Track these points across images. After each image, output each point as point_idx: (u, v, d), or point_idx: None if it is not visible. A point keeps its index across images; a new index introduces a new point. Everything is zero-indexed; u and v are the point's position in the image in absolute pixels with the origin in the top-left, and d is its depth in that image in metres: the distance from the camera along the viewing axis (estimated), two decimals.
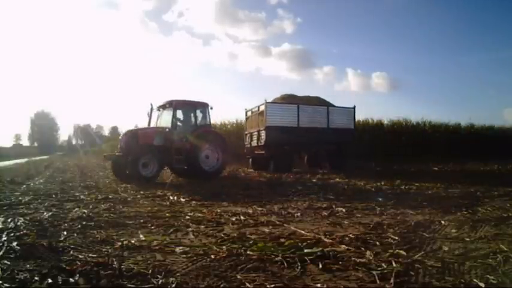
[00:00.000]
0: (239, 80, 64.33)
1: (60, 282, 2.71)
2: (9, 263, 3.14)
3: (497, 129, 29.22)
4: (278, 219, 5.00)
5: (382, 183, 9.76)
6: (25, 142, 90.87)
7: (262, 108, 14.62)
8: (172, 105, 11.78)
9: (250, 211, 5.69)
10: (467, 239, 3.91)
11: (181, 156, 11.43)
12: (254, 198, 7.22)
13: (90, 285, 2.69)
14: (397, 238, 3.94)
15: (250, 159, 16.20)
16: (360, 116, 26.22)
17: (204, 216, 5.29)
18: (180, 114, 12.23)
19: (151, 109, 12.58)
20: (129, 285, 2.67)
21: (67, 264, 3.07)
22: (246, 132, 16.89)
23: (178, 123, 12.00)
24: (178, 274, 2.89)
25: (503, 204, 6.20)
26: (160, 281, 2.75)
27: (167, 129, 11.65)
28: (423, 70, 57.69)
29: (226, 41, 64.10)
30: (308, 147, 15.44)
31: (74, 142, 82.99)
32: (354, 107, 15.93)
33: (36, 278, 2.76)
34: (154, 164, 11.04)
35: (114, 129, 77.37)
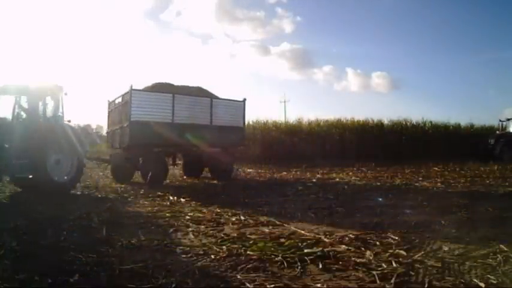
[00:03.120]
0: (238, 79, 64.57)
1: (60, 282, 2.71)
2: (9, 263, 3.14)
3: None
4: (278, 219, 5.00)
5: (382, 183, 9.76)
6: None
7: (127, 97, 10.78)
8: (11, 90, 8.50)
9: (250, 211, 5.68)
10: (467, 239, 3.91)
11: (25, 160, 7.70)
12: (254, 198, 7.22)
13: (90, 285, 2.69)
14: (397, 238, 3.94)
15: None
16: (360, 116, 26.36)
17: (204, 216, 5.29)
18: (24, 101, 8.71)
19: None
20: (129, 285, 2.67)
21: (67, 264, 3.07)
22: (108, 131, 12.80)
23: (22, 114, 8.70)
24: (178, 274, 2.89)
25: (503, 204, 6.20)
26: (160, 281, 2.75)
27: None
28: (423, 70, 57.74)
29: (225, 40, 63.92)
30: (185, 149, 11.77)
31: None
32: (244, 99, 12.43)
33: (36, 278, 2.76)
34: None
35: None
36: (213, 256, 3.33)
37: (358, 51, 60.53)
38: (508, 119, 20.69)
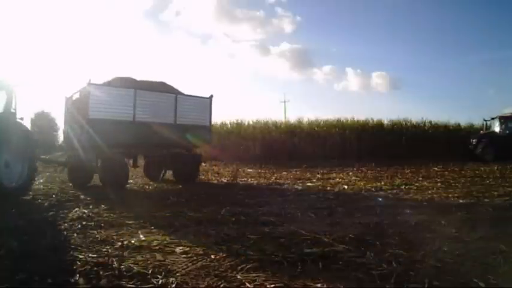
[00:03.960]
0: (238, 79, 64.62)
1: (60, 282, 2.72)
2: (9, 263, 3.14)
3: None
4: (278, 219, 5.00)
5: (382, 183, 9.76)
6: None
7: (84, 93, 9.75)
8: None
9: (250, 211, 5.68)
10: (467, 239, 3.91)
11: None
12: (254, 198, 7.22)
13: (90, 285, 2.69)
14: (397, 238, 3.94)
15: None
16: (360, 116, 26.37)
17: (204, 216, 5.29)
18: None
19: None
20: (129, 285, 2.67)
21: (67, 264, 3.07)
22: (64, 130, 11.59)
23: None
24: (178, 274, 2.89)
25: (503, 204, 6.20)
26: (160, 281, 2.75)
27: None
28: (423, 70, 57.74)
29: (225, 40, 63.74)
30: (147, 150, 10.74)
31: None
32: (211, 96, 11.38)
33: (36, 278, 2.76)
34: None
35: None
36: (213, 256, 3.33)
37: (358, 51, 60.47)
38: (493, 118, 20.41)
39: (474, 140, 20.12)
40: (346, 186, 9.35)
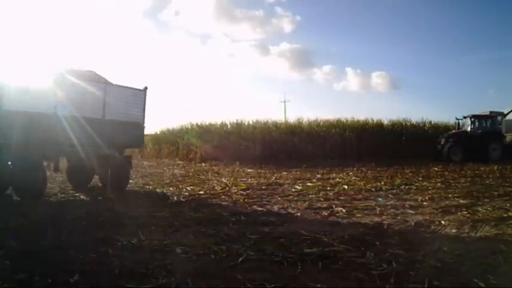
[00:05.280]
0: (238, 79, 64.55)
1: (60, 282, 2.72)
2: (9, 263, 3.14)
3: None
4: (278, 219, 5.00)
5: (382, 183, 9.76)
6: None
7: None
8: None
9: (250, 211, 5.68)
10: (467, 239, 3.91)
11: None
12: (254, 198, 7.22)
13: (90, 285, 2.69)
14: (397, 238, 3.94)
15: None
16: (359, 116, 26.39)
17: (204, 216, 5.29)
18: None
19: None
20: (129, 285, 2.67)
21: (67, 264, 3.07)
22: None
23: None
24: (178, 274, 2.89)
25: (503, 204, 6.20)
26: (160, 281, 2.75)
27: None
28: (423, 70, 57.78)
29: (224, 40, 63.64)
30: (70, 151, 8.33)
31: None
32: (146, 88, 9.62)
33: (36, 278, 2.77)
34: None
35: None
36: (213, 256, 3.33)
37: (358, 51, 60.48)
38: (465, 117, 19.88)
39: (442, 140, 19.59)
40: (346, 186, 9.34)
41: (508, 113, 21.33)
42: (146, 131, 10.91)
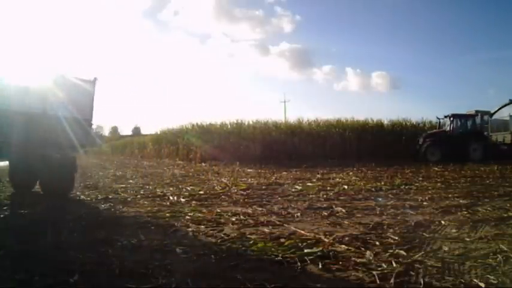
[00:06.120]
0: (238, 79, 64.38)
1: (60, 282, 2.72)
2: (9, 263, 3.14)
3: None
4: (278, 219, 5.00)
5: (382, 183, 9.75)
6: None
7: None
8: None
9: (250, 211, 5.68)
10: (467, 239, 3.91)
11: None
12: (254, 198, 7.22)
13: (90, 285, 2.69)
14: (397, 238, 3.94)
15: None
16: (359, 116, 26.39)
17: (204, 216, 5.29)
18: None
19: None
20: (129, 285, 2.67)
21: (67, 264, 3.07)
22: None
23: None
24: (178, 274, 2.89)
25: (503, 204, 6.19)
26: (160, 281, 2.75)
27: None
28: (423, 70, 57.89)
29: (224, 40, 63.72)
30: (8, 150, 7.04)
31: None
32: (95, 79, 8.23)
33: (36, 278, 2.77)
34: None
35: (114, 129, 77.38)
36: (213, 256, 3.33)
37: (358, 51, 60.76)
38: (446, 116, 19.80)
39: (421, 140, 19.49)
40: (346, 186, 9.33)
41: (494, 112, 21.26)
42: (146, 132, 10.57)
